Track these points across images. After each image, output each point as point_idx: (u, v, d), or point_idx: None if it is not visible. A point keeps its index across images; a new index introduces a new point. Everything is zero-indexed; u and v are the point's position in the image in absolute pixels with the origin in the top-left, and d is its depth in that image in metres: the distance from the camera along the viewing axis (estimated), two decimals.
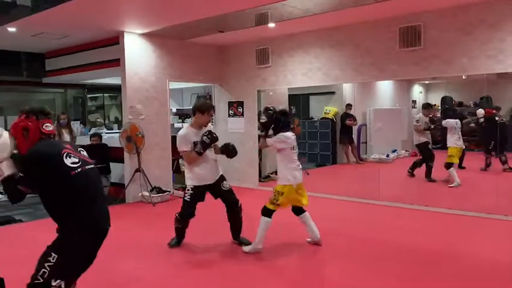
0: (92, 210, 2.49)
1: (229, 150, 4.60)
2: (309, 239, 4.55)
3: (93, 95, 10.67)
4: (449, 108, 8.37)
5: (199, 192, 4.45)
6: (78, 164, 2.48)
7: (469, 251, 4.29)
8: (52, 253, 2.37)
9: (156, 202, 6.75)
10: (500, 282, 3.56)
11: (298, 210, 4.46)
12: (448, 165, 7.51)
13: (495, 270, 3.79)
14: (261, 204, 4.39)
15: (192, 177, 4.45)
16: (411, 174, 8.19)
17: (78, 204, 2.44)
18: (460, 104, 13.59)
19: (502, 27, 5.40)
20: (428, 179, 7.88)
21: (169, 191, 7.21)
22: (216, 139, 4.38)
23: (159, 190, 7.00)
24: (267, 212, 4.29)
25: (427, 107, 8.45)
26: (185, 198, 4.47)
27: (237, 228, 4.62)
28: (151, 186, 6.93)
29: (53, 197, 2.45)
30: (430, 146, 8.19)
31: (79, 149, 2.64)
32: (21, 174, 2.42)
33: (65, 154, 2.45)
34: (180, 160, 8.69)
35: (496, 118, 9.26)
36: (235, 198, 4.62)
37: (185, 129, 4.47)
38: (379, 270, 3.89)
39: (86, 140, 7.79)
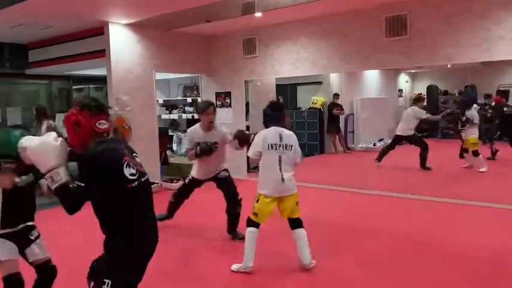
0: (141, 229, 2.24)
1: (240, 138, 4.35)
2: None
3: (79, 87, 10.52)
4: (470, 99, 8.35)
5: (197, 182, 4.80)
6: (135, 176, 2.17)
7: (457, 239, 4.38)
8: (105, 280, 2.12)
9: None
10: (490, 268, 3.64)
11: (293, 223, 3.72)
12: (476, 153, 7.70)
13: (483, 256, 3.88)
14: (249, 195, 4.40)
15: (196, 169, 4.74)
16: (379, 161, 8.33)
17: (130, 220, 2.17)
18: (446, 92, 13.82)
19: (487, 17, 5.45)
20: (423, 168, 7.95)
21: (158, 183, 7.18)
22: (210, 151, 4.39)
23: None
24: (249, 222, 3.70)
25: (420, 99, 8.44)
26: (185, 180, 4.90)
27: (232, 222, 4.58)
28: None
29: (105, 209, 2.16)
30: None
31: (134, 154, 2.29)
32: (78, 183, 2.07)
33: (125, 163, 2.14)
34: (167, 151, 8.68)
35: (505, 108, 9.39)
36: (234, 190, 4.61)
37: (194, 127, 4.66)
38: (367, 259, 3.94)
39: None
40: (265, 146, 3.61)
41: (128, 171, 2.14)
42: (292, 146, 3.66)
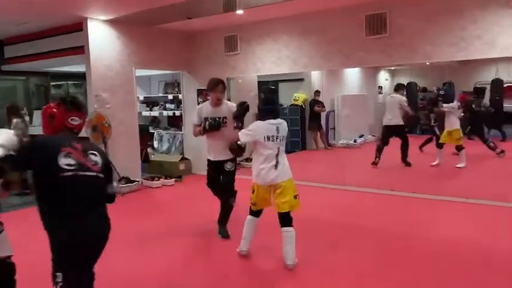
0: (75, 222, 2.26)
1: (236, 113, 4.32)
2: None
3: (57, 83, 10.33)
4: (447, 95, 8.46)
5: (211, 166, 4.64)
6: (71, 167, 2.25)
7: (435, 234, 4.46)
8: (57, 273, 2.23)
9: (124, 192, 6.66)
10: (473, 263, 3.73)
11: (283, 220, 3.71)
12: (460, 147, 7.89)
13: (466, 252, 3.97)
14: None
15: (208, 151, 4.66)
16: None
17: (62, 212, 2.23)
18: (424, 89, 14.05)
19: (464, 16, 5.56)
20: (405, 162, 8.03)
21: (138, 181, 7.12)
22: (218, 127, 4.37)
23: (128, 180, 6.90)
24: (250, 211, 3.90)
25: (401, 87, 8.46)
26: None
27: (223, 213, 4.58)
28: (120, 176, 6.83)
29: (39, 196, 2.27)
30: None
31: (91, 151, 2.42)
32: (12, 153, 2.28)
33: (64, 152, 2.26)
34: (148, 149, 8.61)
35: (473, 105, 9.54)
36: (230, 183, 4.57)
37: (203, 103, 4.69)
38: (348, 255, 3.99)
39: None
40: (263, 138, 3.68)
41: (63, 161, 2.24)
42: (284, 136, 3.82)
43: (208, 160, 4.65)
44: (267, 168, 3.67)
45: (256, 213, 3.87)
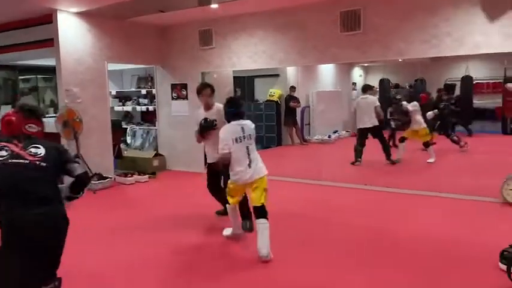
0: (14, 214, 2.33)
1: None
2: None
3: (26, 77, 10.01)
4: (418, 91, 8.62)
5: (208, 168, 4.81)
6: (2, 158, 2.40)
7: (408, 228, 4.54)
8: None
9: (96, 189, 6.52)
10: (443, 255, 3.81)
11: (258, 213, 3.84)
12: (428, 144, 8.12)
13: (437, 244, 4.05)
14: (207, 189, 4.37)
15: (207, 155, 4.81)
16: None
17: None
18: (397, 85, 14.29)
19: (436, 14, 5.65)
20: (389, 160, 8.02)
21: (111, 177, 6.98)
22: (209, 127, 4.45)
23: (100, 177, 6.76)
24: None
25: (369, 87, 8.48)
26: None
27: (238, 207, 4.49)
28: (92, 172, 6.67)
29: None
30: None
31: (34, 145, 2.53)
32: None
33: (0, 147, 2.44)
34: (121, 145, 8.44)
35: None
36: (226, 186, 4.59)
37: (199, 108, 4.83)
38: (320, 249, 4.02)
39: None
40: (231, 141, 3.84)
41: None
42: (251, 134, 3.96)
43: (207, 164, 4.84)
44: (243, 169, 3.86)
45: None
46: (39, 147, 2.52)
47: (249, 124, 3.99)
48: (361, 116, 8.13)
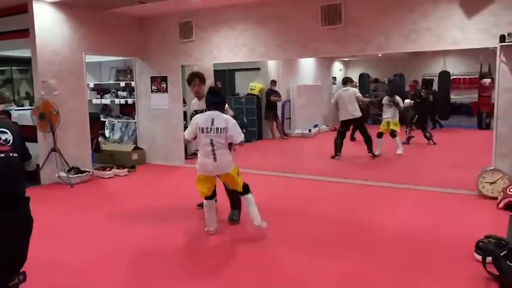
0: None
1: None
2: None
3: (0, 68, 9.73)
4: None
5: None
6: None
7: (385, 220, 4.61)
8: None
9: (74, 183, 6.40)
10: (422, 246, 3.88)
11: (240, 192, 4.13)
12: (394, 134, 8.33)
13: (414, 235, 4.12)
14: (187, 182, 4.34)
15: None
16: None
17: None
18: (376, 80, 14.46)
19: (415, 10, 5.71)
20: (371, 153, 8.10)
21: (89, 171, 6.86)
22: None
23: (78, 170, 6.64)
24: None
25: (349, 80, 8.58)
26: None
27: (230, 198, 4.58)
28: (69, 166, 6.55)
29: None
30: None
31: (1, 129, 2.29)
32: None
33: None
34: (99, 138, 8.30)
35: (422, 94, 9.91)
36: None
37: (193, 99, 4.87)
38: (306, 243, 4.04)
39: None
40: (198, 130, 3.92)
41: None
42: (225, 128, 3.88)
43: None
44: (207, 160, 3.92)
45: (209, 197, 4.11)
46: (6, 132, 2.30)
47: (223, 118, 3.91)
48: (343, 107, 8.19)
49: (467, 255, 3.52)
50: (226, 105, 4.32)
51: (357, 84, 12.64)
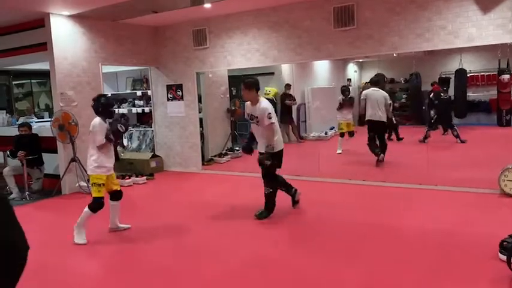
0: None
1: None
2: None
3: (20, 82, 9.97)
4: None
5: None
6: None
7: (407, 222, 4.55)
8: None
9: None
10: (434, 249, 3.82)
11: (115, 197, 4.68)
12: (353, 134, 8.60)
13: (426, 238, 4.06)
14: (205, 188, 4.37)
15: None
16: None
17: None
18: (392, 80, 14.31)
19: (428, 7, 5.67)
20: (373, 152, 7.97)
21: None
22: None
23: None
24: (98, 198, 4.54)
25: (382, 80, 8.49)
26: None
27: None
28: (88, 175, 6.64)
29: None
30: None
31: None
32: None
33: None
34: (118, 147, 8.41)
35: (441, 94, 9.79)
36: (265, 172, 4.99)
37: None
38: (319, 246, 4.02)
39: (14, 131, 7.27)
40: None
41: None
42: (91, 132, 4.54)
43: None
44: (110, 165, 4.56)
45: (112, 197, 4.65)
46: None
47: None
48: (371, 108, 7.57)
49: (492, 255, 3.45)
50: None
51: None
